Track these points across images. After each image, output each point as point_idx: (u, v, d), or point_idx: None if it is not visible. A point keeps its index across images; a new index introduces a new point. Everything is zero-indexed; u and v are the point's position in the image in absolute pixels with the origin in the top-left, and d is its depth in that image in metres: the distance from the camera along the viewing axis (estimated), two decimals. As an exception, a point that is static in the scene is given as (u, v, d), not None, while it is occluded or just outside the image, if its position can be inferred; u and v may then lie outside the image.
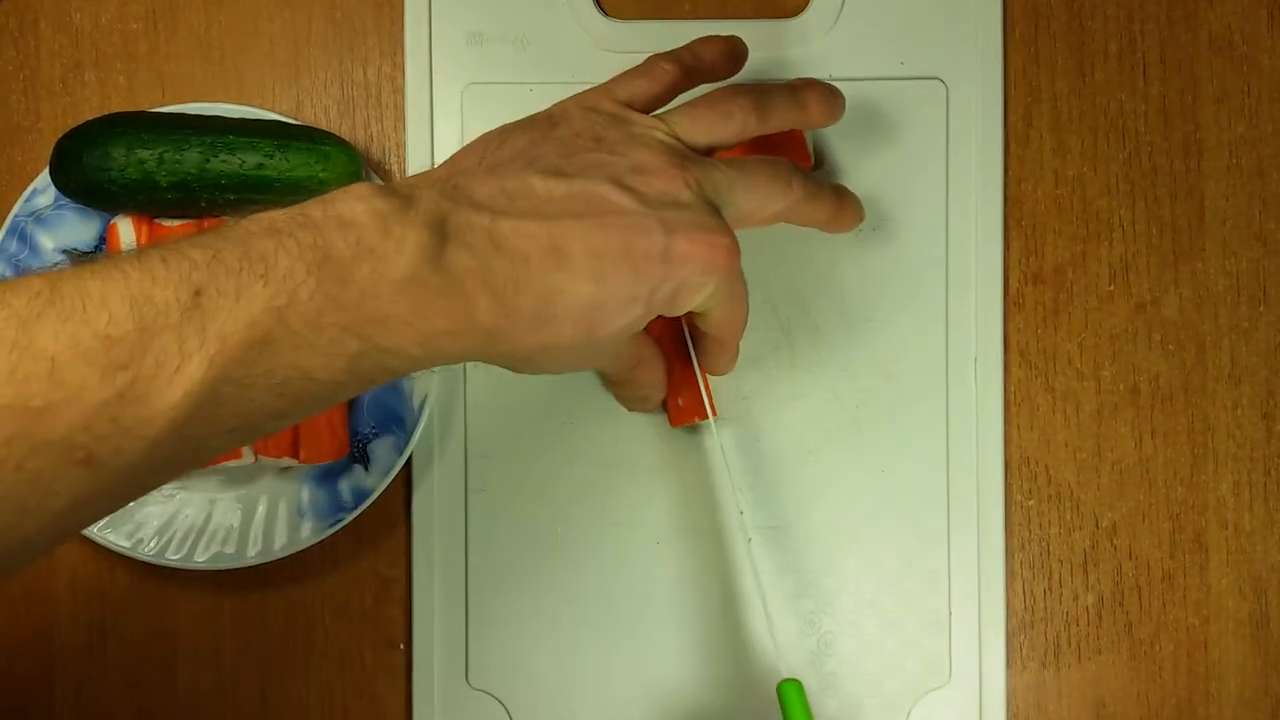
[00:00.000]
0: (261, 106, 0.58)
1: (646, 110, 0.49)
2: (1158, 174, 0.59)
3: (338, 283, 0.38)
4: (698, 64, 0.52)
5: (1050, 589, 0.58)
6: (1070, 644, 0.58)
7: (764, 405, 0.58)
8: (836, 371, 0.58)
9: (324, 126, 0.58)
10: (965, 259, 0.58)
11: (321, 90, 0.59)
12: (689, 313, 0.48)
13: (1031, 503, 0.58)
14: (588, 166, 0.44)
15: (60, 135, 0.54)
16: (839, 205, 0.53)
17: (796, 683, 0.50)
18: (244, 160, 0.54)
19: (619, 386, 0.56)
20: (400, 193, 0.41)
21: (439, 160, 0.58)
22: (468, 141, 0.48)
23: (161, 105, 0.57)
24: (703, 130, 0.49)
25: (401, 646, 0.58)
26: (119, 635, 0.58)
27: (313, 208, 0.39)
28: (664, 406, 0.57)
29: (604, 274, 0.42)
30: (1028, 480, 0.58)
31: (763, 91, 0.51)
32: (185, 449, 0.37)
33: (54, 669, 0.58)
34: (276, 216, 0.39)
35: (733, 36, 0.53)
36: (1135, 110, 0.59)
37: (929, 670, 0.57)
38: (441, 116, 0.58)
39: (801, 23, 0.59)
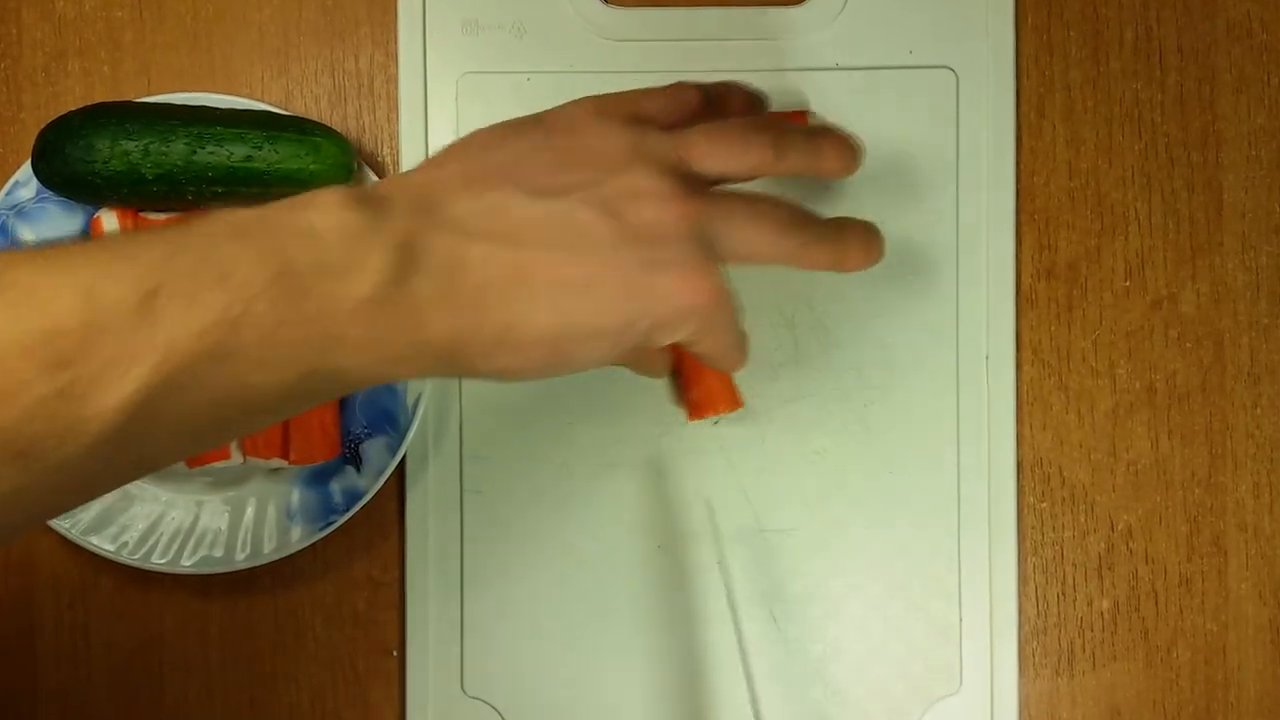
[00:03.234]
0: (250, 97, 0.57)
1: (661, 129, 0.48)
2: (1174, 166, 0.58)
3: (296, 297, 0.37)
4: (722, 99, 0.51)
5: (1064, 594, 0.57)
6: (1085, 650, 0.57)
7: (769, 404, 0.57)
8: (844, 369, 0.57)
9: (315, 117, 0.58)
10: (976, 254, 0.57)
11: (312, 80, 0.58)
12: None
13: (1044, 505, 0.58)
14: (576, 186, 0.43)
15: (43, 126, 0.53)
16: (838, 253, 0.49)
17: None
18: (232, 152, 0.53)
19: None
20: (370, 205, 0.40)
21: (433, 153, 0.56)
22: (463, 133, 0.46)
23: (147, 95, 0.57)
24: (718, 157, 0.46)
25: (395, 653, 0.57)
26: (103, 642, 0.57)
27: (280, 213, 0.39)
28: (679, 402, 0.55)
29: (567, 307, 0.41)
30: (1041, 482, 0.58)
31: (782, 131, 0.49)
32: (126, 452, 0.37)
33: (37, 676, 0.57)
34: (242, 218, 0.38)
35: (759, 90, 0.52)
36: (1151, 100, 0.58)
37: (939, 677, 0.57)
38: (436, 107, 0.58)
39: (807, 10, 0.58)
